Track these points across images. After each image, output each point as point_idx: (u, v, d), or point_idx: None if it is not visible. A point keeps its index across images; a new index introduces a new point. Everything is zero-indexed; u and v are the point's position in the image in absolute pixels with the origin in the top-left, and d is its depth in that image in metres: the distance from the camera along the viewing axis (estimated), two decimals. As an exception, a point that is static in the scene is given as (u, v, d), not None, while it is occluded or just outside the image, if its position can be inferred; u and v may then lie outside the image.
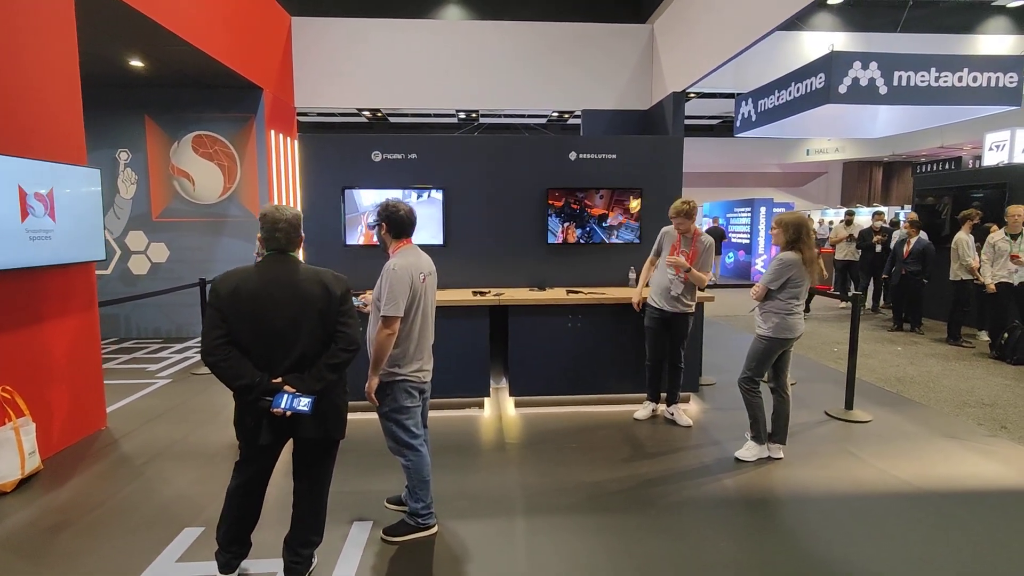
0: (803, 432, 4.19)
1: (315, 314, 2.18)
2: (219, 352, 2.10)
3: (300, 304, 2.17)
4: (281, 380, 2.15)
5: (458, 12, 9.68)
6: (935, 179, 9.97)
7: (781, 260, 3.49)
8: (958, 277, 6.99)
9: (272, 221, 2.22)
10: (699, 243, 4.07)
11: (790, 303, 3.50)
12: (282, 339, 2.16)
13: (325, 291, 2.20)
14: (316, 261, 4.92)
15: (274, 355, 2.17)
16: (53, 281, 3.80)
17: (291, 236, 2.24)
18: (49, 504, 3.15)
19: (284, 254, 2.25)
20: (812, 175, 24.27)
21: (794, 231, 3.46)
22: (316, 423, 2.25)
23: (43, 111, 3.68)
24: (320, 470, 2.40)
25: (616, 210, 5.07)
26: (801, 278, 3.46)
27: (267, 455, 2.33)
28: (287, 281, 2.19)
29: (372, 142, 4.99)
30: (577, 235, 5.07)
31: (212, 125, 7.09)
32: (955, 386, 5.33)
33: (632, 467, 3.61)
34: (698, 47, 7.13)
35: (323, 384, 2.18)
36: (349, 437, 4.03)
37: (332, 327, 2.22)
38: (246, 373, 2.11)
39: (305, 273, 2.22)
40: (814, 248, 3.50)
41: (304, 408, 2.11)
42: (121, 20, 4.80)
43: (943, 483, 3.38)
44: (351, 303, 2.28)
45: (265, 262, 2.23)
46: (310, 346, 2.19)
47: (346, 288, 2.27)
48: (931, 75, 7.48)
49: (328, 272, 2.28)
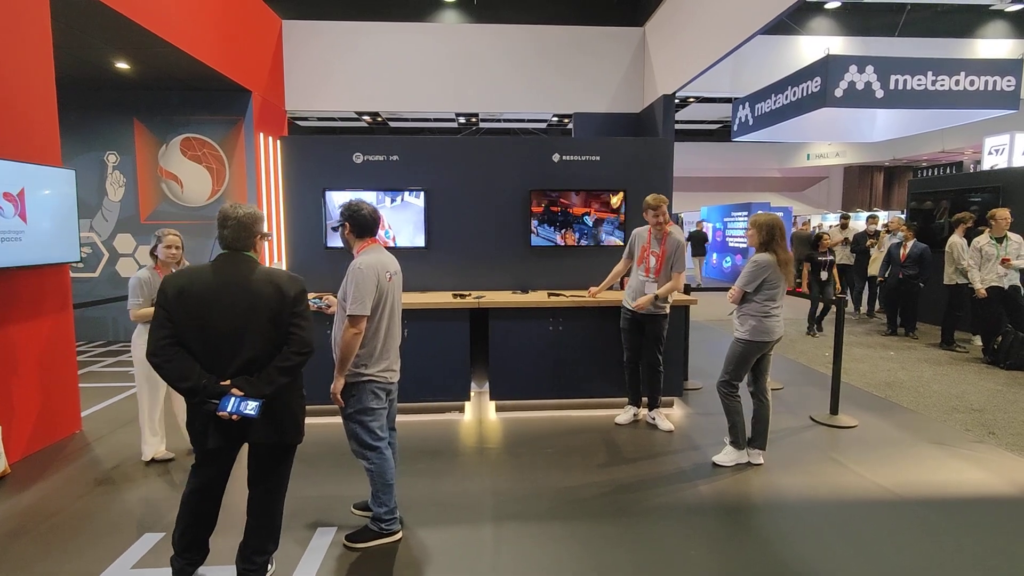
0: (786, 437, 4.11)
1: (266, 315, 2.11)
2: (164, 353, 2.05)
3: (249, 305, 2.10)
4: (230, 383, 2.08)
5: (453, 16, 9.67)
6: (930, 183, 9.88)
7: (755, 262, 3.43)
8: (952, 281, 6.91)
9: (221, 218, 2.18)
10: (668, 243, 4.02)
11: (767, 305, 3.44)
12: (229, 341, 2.10)
13: (278, 292, 2.14)
14: (298, 262, 4.92)
15: (222, 357, 2.10)
16: (24, 283, 3.77)
17: (239, 234, 2.18)
18: (11, 509, 3.10)
19: (237, 253, 2.19)
20: (813, 180, 24.17)
21: (767, 232, 3.41)
22: (268, 427, 2.18)
23: (14, 111, 3.65)
24: (275, 476, 2.33)
25: (599, 212, 5.01)
26: (777, 279, 3.40)
27: (220, 459, 2.26)
28: (236, 281, 2.13)
29: (354, 144, 4.96)
30: (560, 237, 5.01)
31: (201, 128, 7.08)
32: (945, 391, 5.24)
33: (607, 472, 3.54)
34: (687, 50, 7.09)
35: (273, 388, 2.11)
36: (316, 440, 4.01)
37: (285, 329, 2.15)
38: (191, 375, 2.05)
39: (258, 273, 2.16)
40: (788, 250, 3.44)
41: (251, 412, 2.04)
42: (107, 23, 4.80)
43: (925, 490, 3.30)
44: (306, 305, 2.21)
45: (216, 261, 2.18)
46: (260, 348, 2.12)
47: (301, 289, 2.20)
48: (928, 79, 7.44)
49: (283, 273, 2.22)
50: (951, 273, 6.91)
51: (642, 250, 4.13)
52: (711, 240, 16.48)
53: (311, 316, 2.23)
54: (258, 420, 2.10)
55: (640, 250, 4.14)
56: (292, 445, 2.33)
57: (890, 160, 20.33)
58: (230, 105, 7.04)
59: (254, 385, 2.09)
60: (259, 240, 2.26)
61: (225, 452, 2.25)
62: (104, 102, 6.90)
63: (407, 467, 3.50)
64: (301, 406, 2.33)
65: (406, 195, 4.90)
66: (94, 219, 7.10)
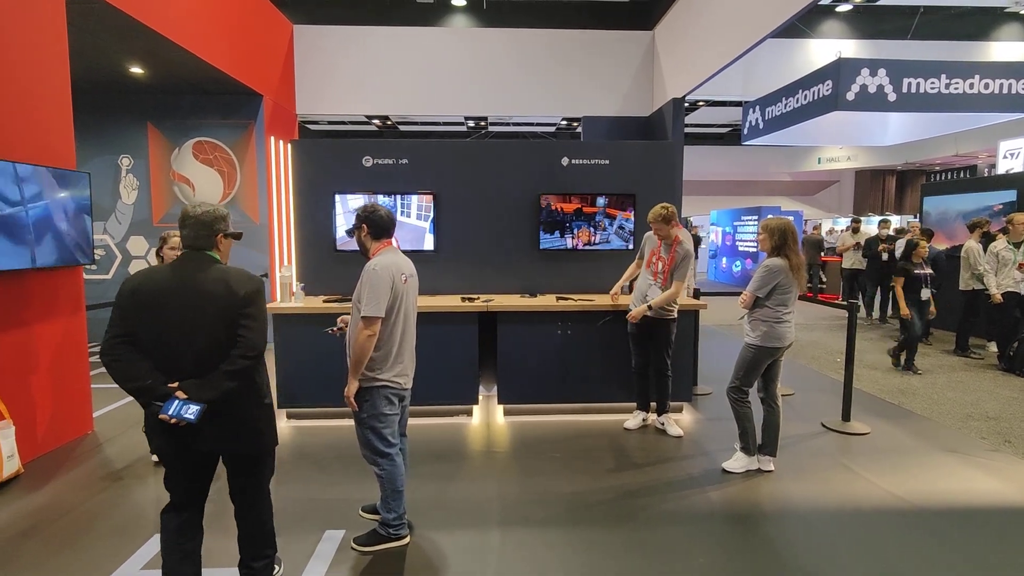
0: (797, 444, 4.07)
1: (214, 315, 2.01)
2: (113, 351, 1.97)
3: (198, 304, 2.01)
4: (178, 385, 1.99)
5: (463, 20, 9.72)
6: (943, 187, 9.77)
7: (767, 267, 3.40)
8: (968, 286, 6.81)
9: (181, 217, 2.11)
10: (677, 251, 4.01)
11: (779, 311, 3.41)
12: (179, 341, 2.00)
13: (227, 291, 2.02)
14: (308, 265, 4.94)
15: (172, 358, 2.01)
16: (39, 284, 3.81)
17: (199, 233, 2.09)
18: (23, 508, 3.13)
19: (198, 252, 2.11)
20: (824, 184, 23.97)
21: (780, 236, 3.38)
22: (219, 436, 2.06)
23: (31, 116, 3.71)
24: (251, 486, 2.24)
25: (608, 215, 5.00)
26: (789, 285, 3.37)
27: (186, 473, 2.13)
28: (189, 280, 2.03)
29: (364, 147, 4.98)
30: (569, 241, 5.01)
31: (212, 131, 7.15)
32: (960, 398, 5.17)
33: (615, 478, 3.52)
34: (697, 53, 7.07)
35: (219, 393, 1.98)
36: (326, 443, 4.04)
37: (234, 330, 2.03)
38: (139, 375, 1.97)
39: (212, 272, 2.06)
40: (801, 254, 3.41)
41: (189, 417, 1.93)
42: (123, 29, 4.85)
43: (938, 499, 3.25)
44: (258, 306, 2.08)
45: (176, 260, 2.11)
46: (209, 350, 2.01)
47: (254, 289, 2.08)
48: (941, 82, 7.38)
49: (239, 272, 2.11)
50: (967, 278, 6.81)
51: (651, 253, 4.13)
52: (720, 244, 16.42)
53: (262, 318, 2.10)
54: (206, 428, 1.98)
55: (650, 253, 4.15)
56: (254, 456, 2.22)
57: (902, 164, 20.14)
58: (242, 109, 7.10)
59: (200, 389, 1.98)
60: (223, 239, 2.18)
61: (185, 466, 2.12)
62: (119, 106, 6.98)
63: (415, 470, 3.50)
64: (263, 415, 2.19)
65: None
66: (107, 221, 7.18)
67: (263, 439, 2.20)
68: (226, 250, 2.21)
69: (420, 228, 4.95)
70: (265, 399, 2.21)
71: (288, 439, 4.21)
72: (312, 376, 4.38)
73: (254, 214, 7.20)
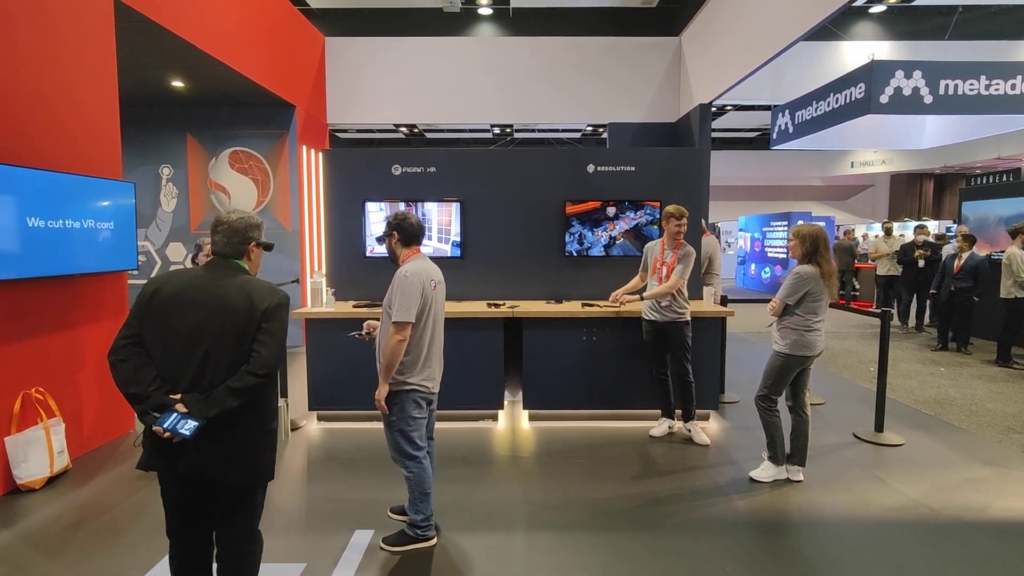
0: (828, 454, 4.00)
1: (228, 327, 1.88)
2: (120, 352, 1.88)
3: (212, 312, 1.89)
4: (180, 397, 1.86)
5: (489, 29, 9.85)
6: (982, 192, 9.46)
7: (798, 274, 3.37)
8: (1011, 295, 6.59)
9: (214, 223, 2.03)
10: (679, 252, 4.05)
11: (809, 319, 3.37)
12: (187, 349, 1.88)
13: (247, 302, 1.90)
14: (338, 271, 5.07)
15: (178, 366, 1.88)
16: (87, 288, 4.01)
17: (231, 240, 2.00)
18: (72, 502, 3.30)
19: (226, 260, 2.01)
20: (857, 188, 23.38)
21: (811, 243, 3.35)
22: (205, 459, 1.87)
23: (84, 129, 3.92)
24: (234, 520, 2.01)
25: (634, 222, 5.00)
26: (820, 293, 3.34)
27: (177, 507, 1.98)
28: (209, 287, 1.93)
29: (393, 156, 5.10)
30: (595, 247, 5.03)
31: (248, 141, 7.39)
32: (1001, 410, 5.00)
33: (641, 485, 3.52)
34: (724, 59, 7.03)
35: (220, 410, 1.83)
36: (357, 444, 4.14)
37: (248, 346, 1.90)
38: (141, 380, 1.85)
39: (235, 281, 1.95)
40: (832, 262, 3.37)
41: (184, 432, 1.78)
42: (167, 46, 5.09)
43: (975, 514, 3.16)
44: (279, 322, 1.95)
45: (204, 266, 2.03)
46: (217, 362, 1.87)
47: (277, 304, 1.95)
48: (980, 83, 7.18)
49: (263, 284, 1.99)
50: (1009, 286, 6.59)
51: (655, 261, 4.17)
52: (749, 250, 16.16)
53: (281, 335, 1.96)
54: (194, 450, 1.84)
55: (653, 261, 4.18)
56: (244, 489, 1.99)
57: (941, 167, 19.48)
58: (275, 119, 7.33)
59: (201, 404, 1.83)
60: (255, 248, 2.08)
61: (182, 503, 1.97)
62: (160, 118, 7.28)
63: (441, 473, 3.55)
64: (264, 443, 2.00)
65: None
66: (148, 228, 7.48)
67: (257, 469, 1.99)
68: (257, 260, 2.11)
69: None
70: (270, 424, 2.03)
71: (319, 441, 4.33)
72: (342, 379, 4.48)
73: (286, 221, 7.41)
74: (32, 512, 3.17)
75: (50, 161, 3.62)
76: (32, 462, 3.41)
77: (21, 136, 3.45)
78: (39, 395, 3.56)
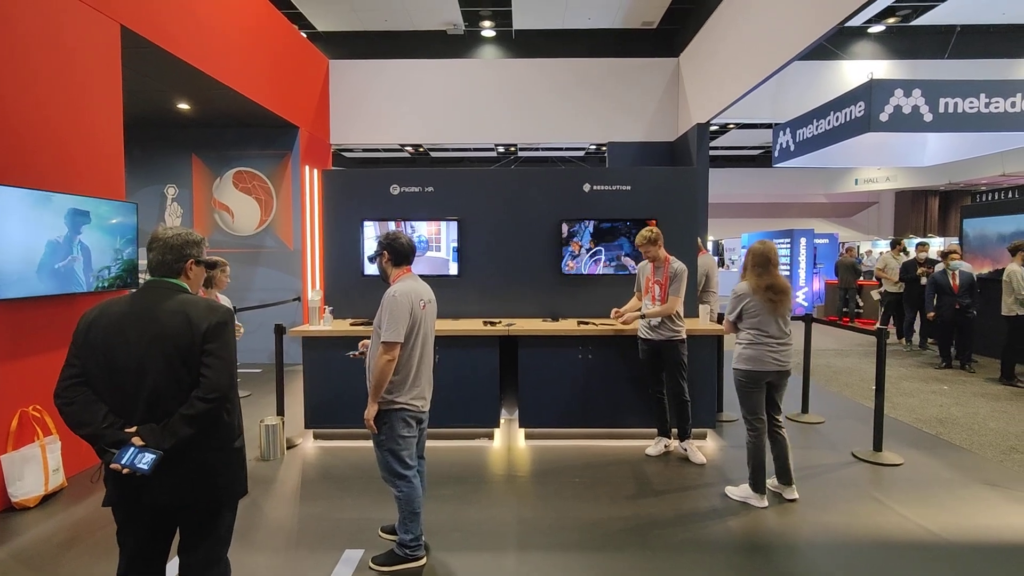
0: (825, 474, 3.96)
1: (171, 353, 1.79)
2: (65, 394, 1.79)
3: (152, 338, 1.79)
4: (136, 430, 1.77)
5: (492, 51, 10.02)
6: (983, 209, 9.44)
7: (733, 290, 3.53)
8: (1012, 312, 6.53)
9: (150, 240, 1.93)
10: (669, 270, 4.07)
11: (752, 333, 3.45)
12: (133, 380, 1.79)
13: (186, 324, 1.80)
14: (336, 290, 5.11)
15: (127, 399, 1.80)
16: (86, 306, 4.05)
17: (164, 258, 1.91)
18: (65, 520, 3.31)
19: (161, 280, 1.91)
20: (862, 205, 23.39)
21: (749, 259, 3.48)
22: (170, 486, 1.80)
23: (89, 151, 4.01)
24: (201, 545, 1.92)
25: (630, 241, 5.03)
26: (756, 308, 3.41)
27: (136, 536, 1.89)
28: (145, 311, 1.83)
29: (391, 176, 5.18)
30: (591, 266, 5.06)
31: (251, 161, 7.52)
32: (1003, 429, 4.93)
33: (635, 505, 3.49)
34: (720, 79, 7.11)
35: (176, 440, 1.76)
36: (348, 463, 4.14)
37: (198, 368, 1.82)
38: (93, 420, 1.77)
39: (172, 303, 1.85)
40: (766, 276, 3.40)
41: (143, 467, 1.72)
42: (174, 70, 5.23)
43: (974, 535, 3.11)
44: (224, 341, 1.86)
45: (139, 290, 1.92)
46: (164, 390, 1.79)
47: (218, 322, 1.85)
48: (980, 101, 7.21)
49: (202, 302, 1.89)
50: (1010, 304, 6.54)
51: (647, 280, 4.21)
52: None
53: (228, 355, 1.86)
54: (158, 479, 1.74)
55: (645, 281, 4.22)
56: (212, 512, 1.92)
57: (945, 184, 19.48)
58: (279, 140, 7.46)
59: (158, 434, 1.76)
60: (194, 266, 1.97)
61: (143, 532, 1.88)
62: (166, 139, 7.43)
63: (434, 492, 3.54)
64: (229, 460, 1.92)
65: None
66: (154, 247, 7.57)
67: (222, 488, 1.90)
68: (196, 278, 2.00)
69: (441, 261, 5.09)
70: (234, 442, 1.94)
71: (314, 459, 4.33)
72: (339, 397, 4.50)
73: (288, 240, 7.50)
74: (25, 530, 3.18)
75: (52, 182, 3.70)
76: (27, 480, 3.43)
77: (23, 157, 3.54)
78: (36, 413, 3.59)
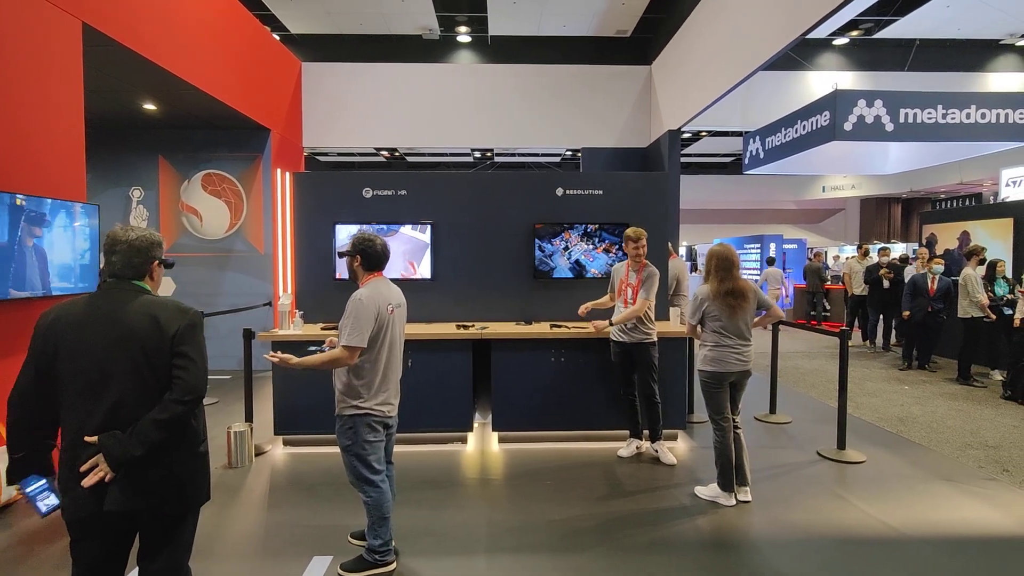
0: (790, 472, 4.05)
1: (136, 354, 1.74)
2: (16, 411, 1.76)
3: (116, 340, 1.74)
4: (98, 438, 1.70)
5: (468, 56, 10.05)
6: (942, 215, 9.80)
7: (695, 293, 3.62)
8: (967, 314, 6.78)
9: (111, 242, 1.85)
10: (643, 273, 4.11)
11: (714, 335, 3.53)
12: (95, 384, 1.73)
13: (154, 326, 1.76)
14: (307, 293, 5.05)
15: (88, 403, 1.73)
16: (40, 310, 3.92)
17: (131, 260, 1.85)
18: (21, 532, 3.18)
19: (124, 282, 1.85)
20: (830, 212, 24.05)
21: (708, 263, 3.57)
22: (131, 493, 1.73)
23: (46, 151, 3.89)
24: (162, 552, 1.85)
25: (602, 245, 5.09)
26: (716, 311, 3.49)
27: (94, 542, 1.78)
28: (110, 313, 1.77)
29: (363, 179, 5.14)
30: (563, 269, 5.09)
31: (221, 164, 7.38)
32: (960, 427, 5.11)
33: (606, 505, 3.52)
34: (691, 87, 7.26)
35: (148, 446, 1.70)
36: (316, 468, 4.08)
37: (166, 372, 1.77)
38: (24, 446, 1.75)
39: (138, 304, 1.80)
40: (727, 281, 3.46)
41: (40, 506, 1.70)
42: (137, 69, 5.09)
43: (932, 529, 3.22)
44: (194, 344, 1.82)
45: (99, 290, 1.86)
46: (128, 394, 1.73)
47: (188, 324, 1.82)
48: (938, 112, 7.50)
49: (170, 304, 1.85)
50: (966, 306, 6.79)
51: (620, 283, 4.24)
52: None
53: (201, 357, 1.83)
54: (118, 485, 1.70)
55: (619, 283, 4.25)
56: (176, 516, 1.86)
57: (907, 192, 20.16)
58: (250, 142, 7.35)
59: (124, 442, 1.69)
60: (157, 267, 1.94)
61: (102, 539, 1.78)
62: (132, 141, 7.24)
63: (407, 496, 3.52)
64: (195, 466, 1.88)
65: (408, 228, 5.04)
66: (118, 251, 7.37)
67: (188, 494, 1.85)
68: (159, 279, 1.96)
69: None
70: (199, 447, 1.90)
71: (283, 465, 4.26)
72: (308, 402, 4.43)
73: (259, 244, 7.38)
74: (-24, 543, 3.06)
75: (12, 183, 3.58)
76: (-21, 491, 3.30)
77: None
78: (-10, 421, 3.46)
